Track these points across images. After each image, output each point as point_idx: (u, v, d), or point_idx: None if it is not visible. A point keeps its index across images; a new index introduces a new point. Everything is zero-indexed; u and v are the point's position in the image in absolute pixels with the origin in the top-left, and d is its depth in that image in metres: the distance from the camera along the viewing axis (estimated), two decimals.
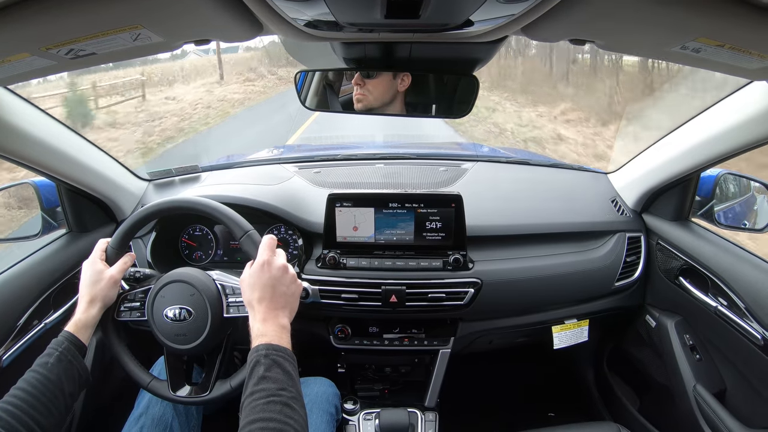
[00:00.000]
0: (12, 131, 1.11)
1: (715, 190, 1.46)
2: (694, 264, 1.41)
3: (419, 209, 1.41)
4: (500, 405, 2.07)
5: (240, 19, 0.74)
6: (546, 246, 1.53)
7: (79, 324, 1.02)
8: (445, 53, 1.05)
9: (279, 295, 0.98)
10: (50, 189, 1.44)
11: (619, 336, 1.85)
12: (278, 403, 0.78)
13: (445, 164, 1.85)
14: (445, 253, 1.43)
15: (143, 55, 0.85)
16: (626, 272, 1.56)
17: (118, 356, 1.14)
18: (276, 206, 1.49)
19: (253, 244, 1.06)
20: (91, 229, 1.51)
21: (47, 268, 1.34)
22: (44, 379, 0.90)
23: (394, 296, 1.39)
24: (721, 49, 0.72)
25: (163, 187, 1.73)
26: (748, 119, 1.12)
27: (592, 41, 0.83)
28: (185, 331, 1.09)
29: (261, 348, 0.87)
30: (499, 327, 1.56)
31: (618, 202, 1.66)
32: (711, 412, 1.31)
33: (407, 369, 1.64)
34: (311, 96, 1.16)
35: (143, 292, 1.16)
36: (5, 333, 1.19)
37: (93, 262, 1.11)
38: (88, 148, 1.42)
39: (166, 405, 1.19)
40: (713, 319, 1.34)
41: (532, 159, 2.04)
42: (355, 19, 0.79)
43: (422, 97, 1.11)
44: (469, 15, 0.73)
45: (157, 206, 1.16)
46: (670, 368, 1.49)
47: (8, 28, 0.62)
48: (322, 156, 1.95)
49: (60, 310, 1.34)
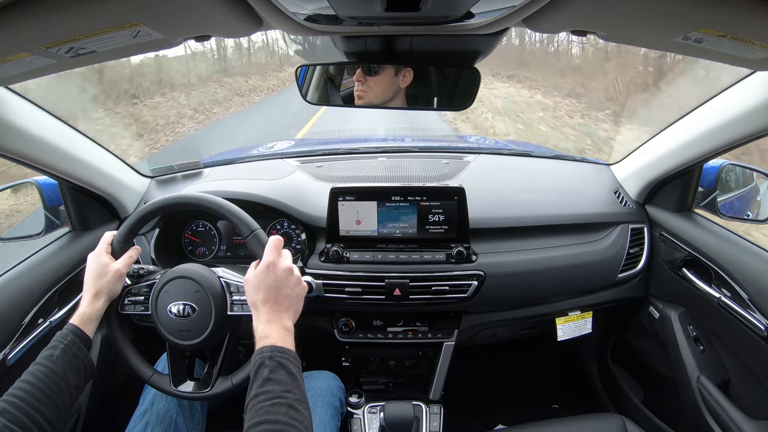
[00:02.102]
0: (14, 131, 1.11)
1: (718, 181, 1.46)
2: (698, 255, 1.41)
3: (422, 202, 1.41)
4: (504, 397, 2.08)
5: (240, 14, 0.74)
6: (549, 238, 1.53)
7: (84, 317, 1.02)
8: (446, 46, 1.04)
9: (283, 297, 0.98)
10: (53, 188, 1.44)
11: (623, 327, 1.85)
12: (283, 405, 0.78)
13: (448, 157, 1.85)
14: (449, 246, 1.43)
15: (143, 52, 0.84)
16: (629, 264, 1.56)
17: (121, 349, 1.15)
18: (279, 201, 1.49)
19: (259, 243, 1.06)
20: (94, 227, 1.51)
21: (51, 267, 1.34)
22: (49, 371, 0.90)
23: (397, 289, 1.39)
24: (723, 39, 0.72)
25: (166, 183, 1.73)
26: (751, 110, 1.12)
27: (593, 32, 0.82)
28: (188, 327, 1.09)
29: (265, 350, 0.87)
30: (503, 319, 1.56)
31: (621, 194, 1.65)
32: (714, 403, 1.31)
33: (411, 362, 1.65)
34: (312, 90, 1.16)
35: (148, 286, 1.16)
36: (10, 332, 1.19)
37: (99, 255, 1.11)
38: (90, 146, 1.42)
39: (171, 401, 1.20)
40: (717, 310, 1.34)
41: (535, 151, 2.03)
42: (356, 13, 0.79)
43: (424, 90, 1.10)
44: (469, 7, 0.72)
45: (165, 202, 1.16)
46: (673, 359, 1.49)
47: (8, 27, 0.62)
48: (324, 150, 1.95)
49: (64, 308, 1.35)
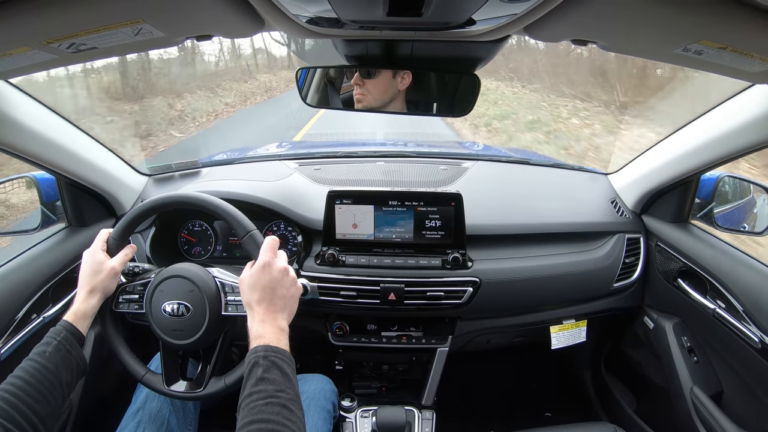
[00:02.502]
0: (13, 125, 1.11)
1: (715, 193, 1.46)
2: (693, 266, 1.41)
3: (419, 207, 1.41)
4: (497, 404, 2.07)
5: (242, 15, 0.74)
6: (545, 246, 1.53)
7: (78, 314, 1.01)
8: (446, 52, 1.05)
9: (278, 298, 0.97)
10: (50, 183, 1.44)
11: (617, 337, 1.85)
12: (276, 405, 0.78)
13: (446, 163, 1.85)
14: (445, 252, 1.43)
15: (144, 49, 0.85)
16: (625, 273, 1.56)
17: (115, 347, 1.14)
18: (276, 202, 1.49)
19: (255, 244, 1.06)
20: (91, 223, 1.51)
21: (46, 262, 1.34)
22: (42, 367, 0.89)
23: (392, 294, 1.39)
24: (722, 51, 0.72)
25: (163, 182, 1.73)
26: (749, 122, 1.12)
27: (594, 42, 0.82)
28: (182, 326, 1.09)
29: (259, 349, 0.87)
30: (497, 326, 1.56)
31: (618, 203, 1.66)
32: (708, 414, 1.31)
33: (405, 367, 1.64)
34: (312, 93, 1.16)
35: (142, 284, 1.16)
36: (3, 326, 1.18)
37: (94, 252, 1.10)
38: (89, 142, 1.42)
39: (164, 400, 1.19)
40: (711, 321, 1.34)
41: (533, 159, 2.04)
42: (357, 17, 0.79)
43: (423, 95, 1.11)
44: (471, 14, 0.73)
45: (161, 200, 1.16)
46: (667, 370, 1.49)
47: (10, 21, 0.62)
48: (323, 153, 1.95)
49: (59, 304, 1.34)
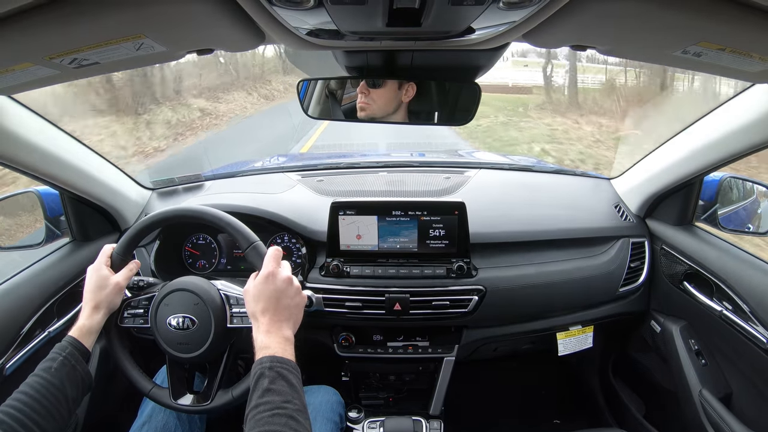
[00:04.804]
0: (16, 140, 1.11)
1: (719, 194, 1.45)
2: (699, 268, 1.40)
3: (422, 217, 1.40)
4: (505, 412, 2.05)
5: (242, 29, 0.74)
6: (550, 252, 1.53)
7: (83, 329, 1.01)
8: (446, 61, 1.05)
9: (283, 307, 0.97)
10: (54, 198, 1.44)
11: (624, 342, 1.84)
12: (283, 416, 0.78)
13: (448, 172, 1.85)
14: (449, 261, 1.43)
15: (146, 64, 0.85)
16: (630, 278, 1.55)
17: (120, 363, 1.14)
18: (279, 215, 1.49)
19: (258, 255, 1.06)
20: (95, 238, 1.51)
21: (50, 277, 1.34)
22: (47, 383, 0.89)
23: (398, 304, 1.39)
24: (722, 52, 0.72)
25: (167, 195, 1.73)
26: (751, 122, 1.12)
27: (593, 47, 0.83)
28: (188, 339, 1.09)
29: (265, 360, 0.86)
30: (504, 334, 1.55)
31: (621, 208, 1.65)
32: (717, 416, 1.30)
33: (411, 377, 1.63)
34: (314, 104, 1.17)
35: (147, 299, 1.16)
36: (8, 342, 1.18)
37: (98, 267, 1.11)
38: (92, 157, 1.43)
39: (170, 413, 1.18)
40: (718, 323, 1.33)
41: (535, 166, 2.04)
42: (357, 28, 0.79)
43: (425, 105, 1.11)
44: (470, 22, 0.73)
45: (164, 214, 1.17)
46: (675, 373, 1.48)
47: (12, 37, 0.63)
48: (325, 164, 1.96)
49: (63, 319, 1.34)
